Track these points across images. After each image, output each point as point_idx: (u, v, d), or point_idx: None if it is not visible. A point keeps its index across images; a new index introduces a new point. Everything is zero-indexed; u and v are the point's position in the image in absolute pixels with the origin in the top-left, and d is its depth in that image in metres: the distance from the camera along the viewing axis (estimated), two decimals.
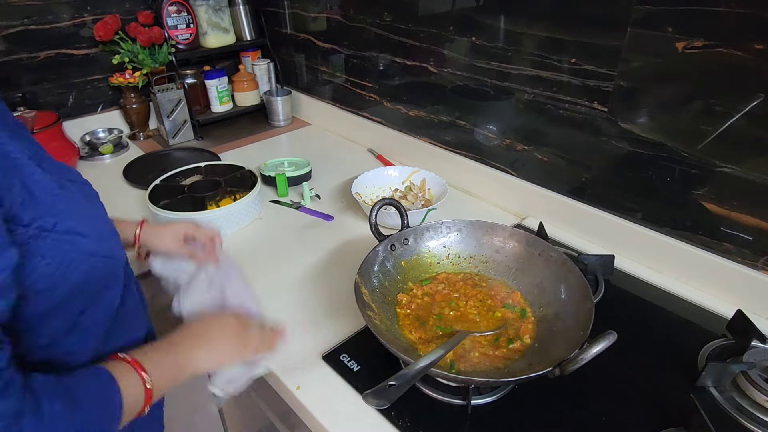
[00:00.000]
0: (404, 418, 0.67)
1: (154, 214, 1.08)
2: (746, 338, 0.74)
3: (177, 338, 0.62)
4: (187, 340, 0.62)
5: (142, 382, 0.54)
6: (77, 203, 0.54)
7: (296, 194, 1.27)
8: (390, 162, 1.42)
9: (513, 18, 1.02)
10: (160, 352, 0.59)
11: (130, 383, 0.53)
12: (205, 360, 0.61)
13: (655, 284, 0.93)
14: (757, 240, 0.82)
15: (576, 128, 0.99)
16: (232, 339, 0.65)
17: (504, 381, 0.68)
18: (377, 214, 0.84)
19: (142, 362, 0.55)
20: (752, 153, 0.79)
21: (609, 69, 0.90)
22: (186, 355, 0.60)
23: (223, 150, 1.53)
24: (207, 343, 0.63)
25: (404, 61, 1.30)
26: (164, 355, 0.59)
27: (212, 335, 0.64)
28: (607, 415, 0.68)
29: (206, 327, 0.65)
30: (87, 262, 0.52)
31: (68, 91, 1.53)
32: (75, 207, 0.53)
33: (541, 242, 0.84)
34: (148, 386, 0.54)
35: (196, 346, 0.62)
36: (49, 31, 1.43)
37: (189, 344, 0.62)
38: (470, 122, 1.20)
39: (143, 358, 0.56)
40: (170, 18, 1.51)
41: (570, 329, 0.70)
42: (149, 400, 0.54)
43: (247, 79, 1.72)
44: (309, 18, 1.55)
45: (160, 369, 0.56)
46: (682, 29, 0.79)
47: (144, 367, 0.54)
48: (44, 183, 0.49)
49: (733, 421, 0.66)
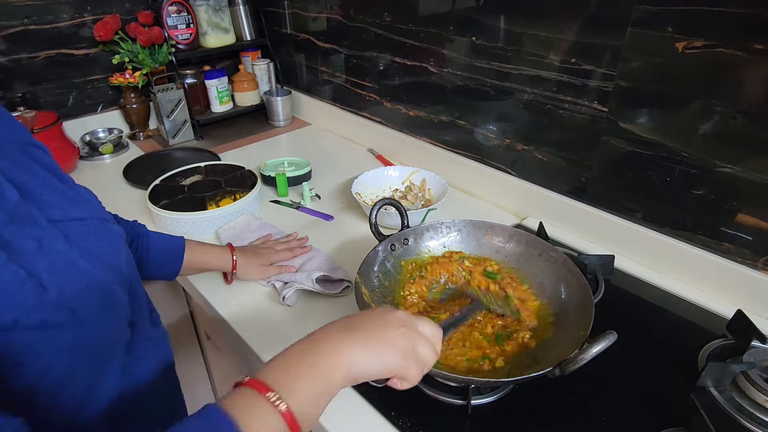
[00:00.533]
0: (404, 418, 0.67)
1: (154, 214, 1.08)
2: (746, 338, 0.74)
3: (319, 335, 0.49)
4: (333, 335, 0.48)
5: (271, 405, 0.40)
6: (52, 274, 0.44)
7: (296, 194, 1.27)
8: (390, 162, 1.42)
9: (513, 18, 1.02)
10: (291, 355, 0.46)
11: (255, 414, 0.39)
12: (360, 359, 0.47)
13: (655, 284, 0.93)
14: (757, 240, 0.82)
15: (576, 128, 0.99)
16: (397, 337, 0.50)
17: (504, 381, 0.67)
18: (377, 214, 0.84)
19: (262, 378, 0.42)
20: (752, 153, 0.79)
21: (609, 69, 0.90)
22: (332, 357, 0.46)
23: (223, 150, 1.53)
24: (364, 336, 0.48)
25: (404, 61, 1.30)
26: (298, 358, 0.45)
27: (369, 327, 0.50)
28: (607, 415, 0.68)
29: (362, 318, 0.51)
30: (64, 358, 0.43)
31: (68, 91, 1.53)
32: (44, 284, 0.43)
33: (541, 242, 0.84)
34: (281, 407, 0.40)
35: (344, 339, 0.48)
36: (49, 31, 1.43)
37: (335, 338, 0.48)
38: (470, 122, 1.20)
39: (265, 374, 0.43)
40: (170, 18, 1.51)
41: (570, 329, 0.70)
42: (294, 426, 0.41)
43: (247, 79, 1.72)
44: (309, 18, 1.55)
45: (296, 381, 0.43)
46: (682, 29, 0.79)
47: (267, 384, 0.41)
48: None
49: (733, 421, 0.66)
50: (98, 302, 0.49)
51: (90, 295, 0.48)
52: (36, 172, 0.52)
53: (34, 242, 0.45)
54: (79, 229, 0.52)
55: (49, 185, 0.52)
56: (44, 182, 0.52)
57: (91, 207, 0.57)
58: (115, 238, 0.57)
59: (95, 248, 0.52)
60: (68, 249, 0.48)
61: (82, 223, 0.53)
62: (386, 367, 0.48)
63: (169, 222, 1.06)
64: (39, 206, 0.48)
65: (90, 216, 0.54)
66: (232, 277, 0.92)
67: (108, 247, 0.55)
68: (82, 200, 0.56)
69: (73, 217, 0.52)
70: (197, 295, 0.94)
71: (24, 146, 0.54)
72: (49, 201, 0.50)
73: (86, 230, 0.52)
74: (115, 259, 0.56)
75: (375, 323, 0.51)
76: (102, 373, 0.49)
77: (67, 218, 0.51)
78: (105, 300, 0.50)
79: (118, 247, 0.57)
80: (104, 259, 0.53)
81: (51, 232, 0.47)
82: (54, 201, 0.51)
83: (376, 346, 0.48)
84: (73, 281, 0.47)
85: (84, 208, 0.54)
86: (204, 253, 0.89)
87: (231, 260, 0.90)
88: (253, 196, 1.14)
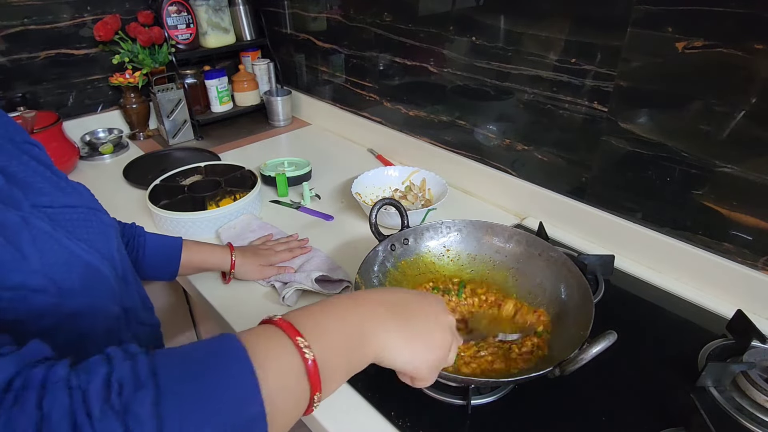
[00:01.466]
0: (404, 418, 0.67)
1: (154, 214, 1.08)
2: (746, 338, 0.74)
3: (362, 299, 0.45)
4: (377, 308, 0.45)
5: (297, 350, 0.36)
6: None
7: (296, 194, 1.27)
8: (390, 162, 1.42)
9: (513, 18, 1.02)
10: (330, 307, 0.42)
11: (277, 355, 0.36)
12: (395, 345, 0.44)
13: (655, 284, 0.93)
14: (757, 240, 0.82)
15: (576, 128, 0.99)
16: (437, 340, 0.48)
17: (504, 381, 0.67)
18: (377, 214, 0.84)
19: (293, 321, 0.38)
20: (752, 153, 0.79)
21: (609, 69, 0.90)
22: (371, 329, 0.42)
23: (223, 150, 1.53)
24: (407, 325, 0.45)
25: (404, 61, 1.30)
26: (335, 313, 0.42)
27: (416, 314, 0.47)
28: (607, 415, 0.68)
29: (412, 299, 0.48)
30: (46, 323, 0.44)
31: (68, 91, 1.53)
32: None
33: (541, 242, 0.84)
34: (308, 355, 0.37)
35: (387, 319, 0.44)
36: (49, 31, 1.43)
37: (380, 312, 0.44)
38: (470, 122, 1.20)
39: (296, 317, 0.39)
40: (170, 18, 1.51)
41: (570, 329, 0.70)
42: (316, 381, 0.37)
43: (247, 79, 1.72)
44: (309, 18, 1.55)
45: (329, 336, 0.39)
46: (682, 29, 0.79)
47: (297, 328, 0.38)
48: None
49: (733, 421, 0.66)
50: (81, 276, 0.49)
51: (72, 269, 0.48)
52: (29, 164, 0.54)
53: (18, 218, 0.45)
54: (69, 216, 0.53)
55: (41, 175, 0.54)
56: (36, 172, 0.53)
57: (81, 197, 0.58)
58: (105, 228, 0.58)
59: (84, 234, 0.53)
60: (52, 230, 0.49)
61: (74, 210, 0.54)
62: (414, 365, 0.46)
63: (169, 222, 1.06)
64: (27, 192, 0.50)
65: (81, 204, 0.56)
66: (230, 276, 0.92)
67: (98, 234, 0.56)
68: (73, 191, 0.57)
69: (64, 204, 0.53)
70: (196, 294, 0.94)
71: (19, 144, 0.55)
72: (40, 189, 0.52)
73: (76, 217, 0.54)
74: (106, 246, 0.57)
75: (423, 312, 0.48)
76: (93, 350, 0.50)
77: (57, 204, 0.52)
78: (89, 275, 0.50)
79: (108, 235, 0.58)
80: (93, 244, 0.54)
81: (36, 215, 0.48)
82: (44, 188, 0.52)
83: (415, 341, 0.46)
84: (54, 254, 0.47)
85: (75, 198, 0.56)
86: (202, 253, 0.89)
87: (230, 260, 0.90)
88: (253, 196, 1.14)
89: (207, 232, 1.08)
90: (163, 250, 0.84)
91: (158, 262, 0.83)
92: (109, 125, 1.60)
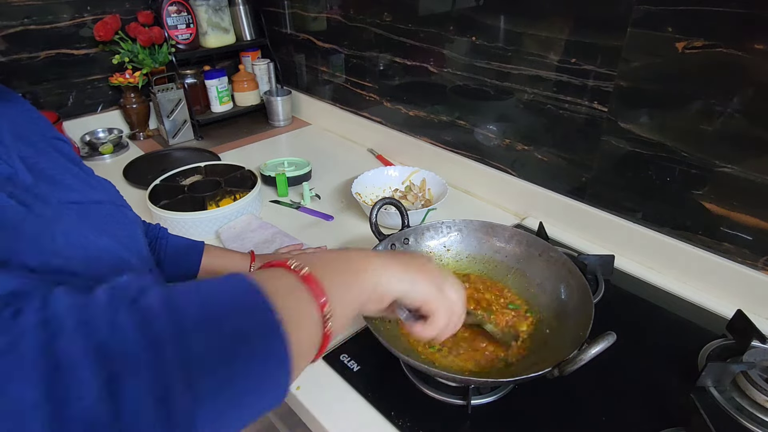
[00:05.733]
0: (404, 418, 0.67)
1: (154, 214, 1.08)
2: (746, 338, 0.74)
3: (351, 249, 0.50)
4: (367, 252, 0.48)
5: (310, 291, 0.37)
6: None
7: (296, 194, 1.27)
8: (390, 162, 1.42)
9: (513, 18, 1.02)
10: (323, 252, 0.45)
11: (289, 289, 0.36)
12: (394, 273, 0.46)
13: (655, 284, 0.93)
14: (757, 240, 0.82)
15: (576, 128, 0.99)
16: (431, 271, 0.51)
17: (504, 381, 0.68)
18: (377, 214, 0.84)
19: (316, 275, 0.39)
20: (752, 153, 0.79)
21: (609, 69, 0.90)
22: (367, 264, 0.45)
23: (223, 150, 1.53)
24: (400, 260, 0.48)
25: (404, 61, 1.30)
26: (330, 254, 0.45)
27: (405, 257, 0.50)
28: (607, 415, 0.68)
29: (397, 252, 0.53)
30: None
31: (68, 91, 1.53)
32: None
33: (541, 242, 0.84)
34: (321, 299, 0.37)
35: (379, 255, 0.47)
36: (49, 31, 1.43)
37: (371, 254, 0.47)
38: (470, 122, 1.20)
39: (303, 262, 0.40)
40: (170, 18, 1.51)
41: (570, 329, 0.70)
42: (326, 326, 0.38)
43: (247, 79, 1.72)
44: (309, 18, 1.55)
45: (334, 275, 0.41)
46: (682, 29, 0.79)
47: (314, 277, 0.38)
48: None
49: (733, 421, 0.66)
50: (114, 270, 0.49)
51: (103, 264, 0.49)
52: (58, 160, 0.55)
53: (51, 211, 0.46)
54: (97, 212, 0.55)
55: (69, 171, 0.56)
56: (65, 168, 0.55)
57: (108, 193, 0.60)
58: (131, 224, 0.60)
59: (113, 229, 0.55)
60: (82, 226, 0.50)
61: (101, 206, 0.56)
62: (417, 290, 0.48)
63: (169, 222, 1.06)
64: (55, 189, 0.51)
65: (107, 200, 0.58)
66: None
67: (126, 230, 0.58)
68: (101, 187, 0.60)
69: (93, 199, 0.55)
70: None
71: (49, 139, 0.57)
72: (70, 185, 0.53)
73: (105, 213, 0.56)
74: (134, 242, 0.59)
75: (412, 257, 0.52)
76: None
77: (86, 200, 0.54)
78: (116, 266, 0.50)
79: (135, 231, 0.60)
80: (122, 240, 0.55)
81: (65, 211, 0.49)
82: (73, 185, 0.54)
83: (412, 270, 0.48)
84: (85, 249, 0.47)
85: (101, 194, 0.58)
86: (223, 258, 0.89)
87: (249, 269, 0.89)
88: (253, 196, 1.14)
89: (207, 232, 1.08)
90: (185, 252, 0.85)
91: (178, 264, 0.84)
92: (109, 125, 1.60)
